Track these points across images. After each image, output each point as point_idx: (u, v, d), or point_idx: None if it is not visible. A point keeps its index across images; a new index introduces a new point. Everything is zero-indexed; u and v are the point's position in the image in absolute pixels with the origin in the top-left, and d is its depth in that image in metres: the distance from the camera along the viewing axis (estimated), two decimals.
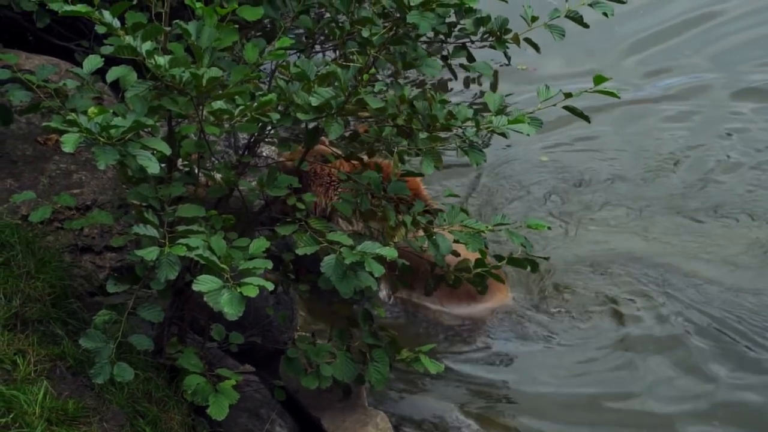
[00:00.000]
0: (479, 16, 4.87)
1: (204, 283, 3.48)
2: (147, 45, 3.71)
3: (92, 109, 3.61)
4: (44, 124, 3.67)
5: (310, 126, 4.33)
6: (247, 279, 3.51)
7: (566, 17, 4.68)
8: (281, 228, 4.29)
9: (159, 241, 3.74)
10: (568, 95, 4.20)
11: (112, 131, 3.53)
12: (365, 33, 4.18)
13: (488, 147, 6.86)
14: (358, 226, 5.33)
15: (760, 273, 6.25)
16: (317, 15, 5.24)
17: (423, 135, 4.27)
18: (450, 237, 4.48)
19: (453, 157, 4.79)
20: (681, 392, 5.45)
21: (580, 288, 6.11)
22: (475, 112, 4.24)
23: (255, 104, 3.81)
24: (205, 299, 3.47)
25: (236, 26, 3.93)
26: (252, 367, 4.97)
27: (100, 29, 3.81)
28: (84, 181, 5.11)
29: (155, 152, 3.64)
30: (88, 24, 6.06)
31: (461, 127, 4.22)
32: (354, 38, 4.48)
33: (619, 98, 4.24)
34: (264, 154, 6.14)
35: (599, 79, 4.14)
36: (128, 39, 3.70)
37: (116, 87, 4.04)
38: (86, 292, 4.64)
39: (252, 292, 3.45)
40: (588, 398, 5.46)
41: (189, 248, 3.64)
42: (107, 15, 3.74)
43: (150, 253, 3.66)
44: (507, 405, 5.42)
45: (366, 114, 4.27)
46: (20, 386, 3.86)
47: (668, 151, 7.40)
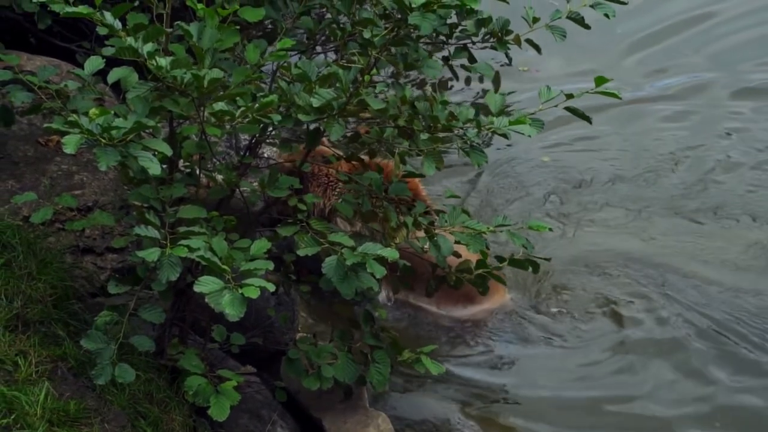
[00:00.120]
0: (480, 17, 4.86)
1: (205, 284, 3.48)
2: (148, 46, 3.71)
3: (93, 111, 3.61)
4: (45, 126, 3.67)
5: (312, 127, 4.33)
6: (249, 280, 3.51)
7: (568, 18, 4.67)
8: (282, 229, 4.29)
9: (160, 243, 3.74)
10: (570, 96, 4.19)
11: (114, 132, 3.54)
12: (366, 34, 4.17)
13: (489, 146, 6.88)
14: (359, 227, 5.33)
15: (761, 274, 6.24)
16: (318, 16, 5.24)
17: (424, 136, 4.27)
18: (451, 238, 4.47)
19: (453, 157, 4.79)
20: (681, 395, 5.44)
21: (580, 289, 6.11)
22: (477, 113, 4.24)
23: (256, 105, 3.82)
24: (207, 300, 3.47)
25: (237, 27, 3.93)
26: (253, 368, 4.96)
27: (102, 30, 3.82)
28: (85, 182, 5.11)
29: (156, 153, 3.64)
30: (90, 25, 6.06)
31: (462, 128, 4.22)
32: (355, 39, 4.48)
33: (621, 99, 4.24)
34: (265, 155, 6.14)
35: (600, 80, 4.14)
36: (130, 40, 3.70)
37: (117, 88, 4.04)
38: (87, 293, 4.64)
39: (253, 293, 3.45)
40: (588, 401, 5.46)
41: (190, 249, 3.64)
42: (109, 16, 3.74)
43: (151, 254, 3.66)
44: (508, 407, 5.41)
45: (367, 115, 4.27)
46: (21, 387, 3.86)
47: (668, 151, 7.38)
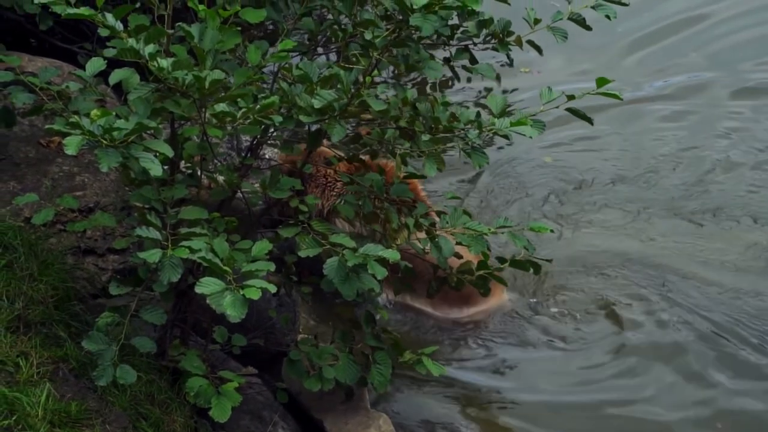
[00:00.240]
0: (482, 19, 4.86)
1: (207, 286, 3.48)
2: (150, 47, 3.71)
3: (95, 112, 3.61)
4: (47, 127, 3.67)
5: (313, 128, 4.33)
6: (250, 281, 3.51)
7: (569, 19, 4.67)
8: (284, 230, 4.29)
9: (162, 244, 3.74)
10: (571, 97, 4.19)
11: (115, 133, 3.54)
12: (368, 35, 4.17)
13: (491, 146, 6.87)
14: (360, 228, 5.33)
15: (761, 276, 6.22)
16: (319, 17, 5.24)
17: (425, 137, 4.27)
18: (452, 239, 4.47)
19: (453, 155, 4.78)
20: (682, 399, 5.43)
21: (581, 291, 6.09)
22: (478, 114, 4.24)
23: (257, 106, 3.81)
24: (208, 301, 3.47)
25: (239, 28, 3.93)
26: (254, 370, 4.97)
27: (103, 32, 3.82)
28: (87, 184, 5.11)
29: (158, 154, 3.64)
30: (91, 26, 6.07)
31: (464, 130, 4.22)
32: (356, 40, 4.48)
33: (622, 100, 4.24)
34: (266, 157, 6.14)
35: (602, 81, 4.13)
36: (131, 41, 3.70)
37: (119, 89, 4.05)
38: (89, 295, 4.64)
39: (254, 295, 3.45)
40: (589, 405, 5.45)
41: (191, 250, 3.64)
42: (110, 18, 3.74)
43: (153, 256, 3.66)
44: (508, 410, 5.41)
45: (368, 116, 4.27)
46: (23, 388, 3.86)
47: (668, 152, 7.36)
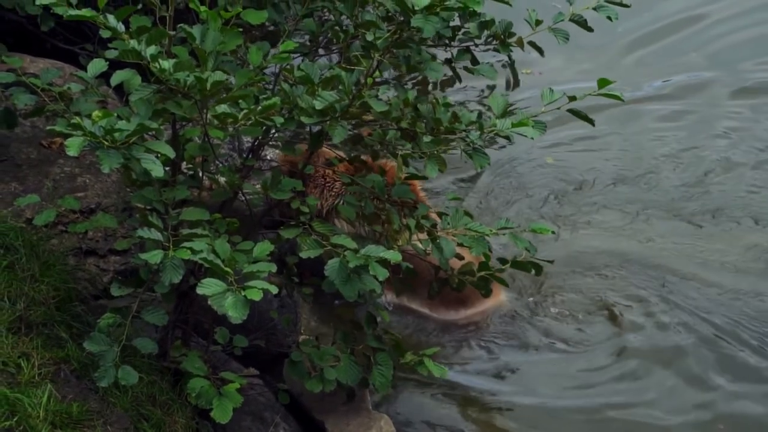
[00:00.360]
0: (483, 20, 4.86)
1: (208, 287, 3.48)
2: (151, 49, 3.71)
3: (96, 113, 3.61)
4: (48, 128, 3.67)
5: (314, 129, 4.33)
6: (251, 282, 3.51)
7: (570, 21, 4.67)
8: (285, 231, 4.29)
9: (163, 245, 3.74)
10: (573, 98, 4.19)
11: (117, 135, 3.54)
12: (369, 36, 4.18)
13: (493, 146, 6.86)
14: (360, 229, 5.33)
15: (761, 277, 6.21)
16: (320, 18, 5.24)
17: (427, 138, 4.27)
18: (454, 240, 4.46)
19: (454, 154, 4.77)
20: (682, 402, 5.42)
21: (581, 294, 6.08)
22: (479, 115, 4.24)
23: (259, 108, 3.82)
24: (210, 302, 3.47)
25: (240, 30, 3.93)
26: (256, 371, 4.97)
27: (105, 33, 3.82)
28: (88, 185, 5.11)
29: (159, 155, 3.65)
30: (93, 28, 6.07)
31: (465, 131, 4.22)
32: (358, 41, 4.48)
33: (624, 101, 4.23)
34: (268, 158, 6.14)
35: (604, 82, 4.13)
36: (133, 43, 3.71)
37: (120, 90, 4.05)
38: (90, 296, 4.64)
39: (256, 296, 3.45)
40: (589, 408, 5.44)
41: (193, 251, 3.64)
42: (112, 19, 3.74)
43: (154, 257, 3.67)
44: (509, 412, 5.41)
45: (370, 117, 4.27)
46: (24, 389, 3.86)
47: (668, 152, 7.35)
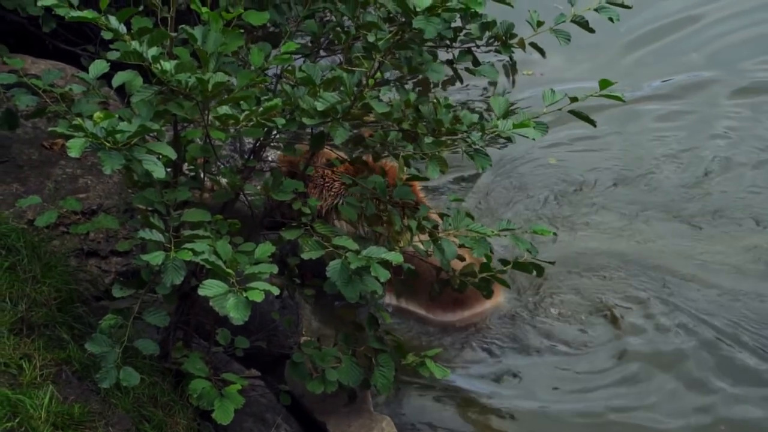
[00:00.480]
0: (485, 21, 4.86)
1: (210, 288, 3.49)
2: (153, 50, 3.72)
3: (98, 114, 3.62)
4: (50, 129, 3.68)
5: (316, 130, 4.33)
6: (253, 283, 3.51)
7: (572, 22, 4.67)
8: (286, 232, 4.29)
9: (165, 246, 3.74)
10: (574, 99, 4.19)
11: (118, 136, 3.54)
12: (371, 38, 4.18)
13: (494, 145, 6.84)
14: (360, 229, 5.33)
15: (761, 278, 6.18)
16: (321, 20, 5.24)
17: (428, 139, 4.27)
18: (455, 241, 4.46)
19: (455, 155, 4.77)
20: (683, 406, 5.40)
21: (581, 295, 6.06)
22: (481, 116, 4.24)
23: (260, 109, 3.82)
24: (211, 304, 3.47)
25: (242, 31, 3.93)
26: (257, 372, 4.96)
27: (107, 34, 3.82)
28: (90, 186, 5.12)
29: (161, 157, 3.65)
30: (94, 29, 6.08)
31: (467, 132, 4.22)
32: (359, 43, 4.48)
33: (625, 102, 4.23)
34: (269, 159, 6.14)
35: (605, 83, 4.13)
36: (134, 44, 3.71)
37: (122, 92, 4.05)
38: (92, 297, 4.64)
39: (258, 297, 3.45)
40: (589, 412, 5.43)
41: (194, 253, 3.64)
42: (113, 20, 3.74)
43: (156, 258, 3.67)
44: (509, 414, 5.40)
45: (371, 118, 4.27)
46: (26, 390, 3.86)
47: (668, 152, 7.32)
